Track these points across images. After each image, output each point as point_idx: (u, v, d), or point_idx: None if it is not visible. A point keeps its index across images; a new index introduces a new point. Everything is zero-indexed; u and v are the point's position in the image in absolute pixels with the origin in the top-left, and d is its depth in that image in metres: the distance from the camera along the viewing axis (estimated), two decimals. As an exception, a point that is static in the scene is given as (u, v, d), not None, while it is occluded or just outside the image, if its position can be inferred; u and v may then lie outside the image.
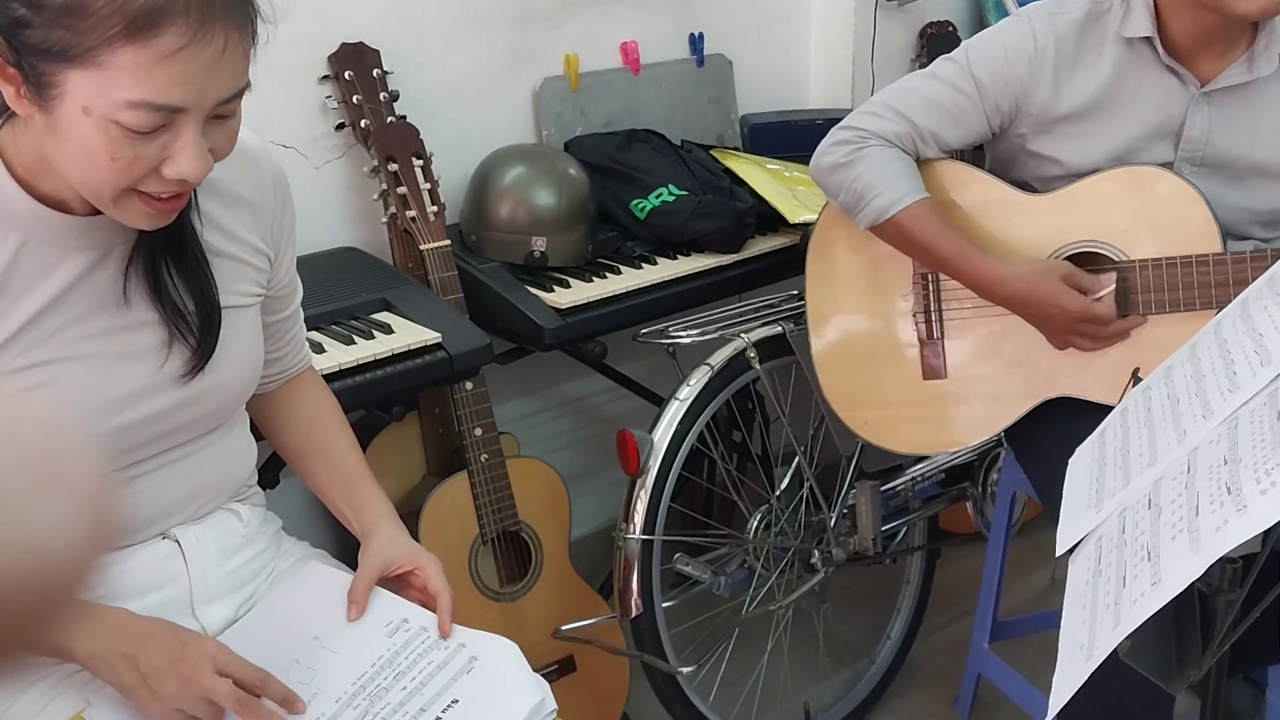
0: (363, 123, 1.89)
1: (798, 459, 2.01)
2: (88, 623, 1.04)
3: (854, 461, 1.99)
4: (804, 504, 2.05)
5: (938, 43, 2.66)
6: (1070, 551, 1.03)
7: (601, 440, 2.47)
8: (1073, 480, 1.12)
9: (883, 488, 2.05)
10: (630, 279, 1.97)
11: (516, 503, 1.91)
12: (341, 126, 1.94)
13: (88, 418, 1.05)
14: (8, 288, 1.01)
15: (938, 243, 1.63)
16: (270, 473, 1.63)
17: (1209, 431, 0.92)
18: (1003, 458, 2.09)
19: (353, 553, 1.28)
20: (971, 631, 2.07)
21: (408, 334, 1.70)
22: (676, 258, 2.06)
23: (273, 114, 1.89)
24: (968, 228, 1.67)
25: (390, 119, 1.91)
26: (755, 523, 2.03)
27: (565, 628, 1.92)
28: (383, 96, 1.91)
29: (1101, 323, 1.60)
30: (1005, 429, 1.73)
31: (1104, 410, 1.21)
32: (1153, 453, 0.99)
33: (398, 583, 1.25)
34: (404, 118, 1.93)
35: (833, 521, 2.03)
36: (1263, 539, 0.82)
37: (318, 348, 1.63)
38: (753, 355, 1.89)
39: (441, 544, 1.82)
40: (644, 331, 1.95)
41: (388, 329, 1.72)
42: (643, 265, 2.03)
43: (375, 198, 1.92)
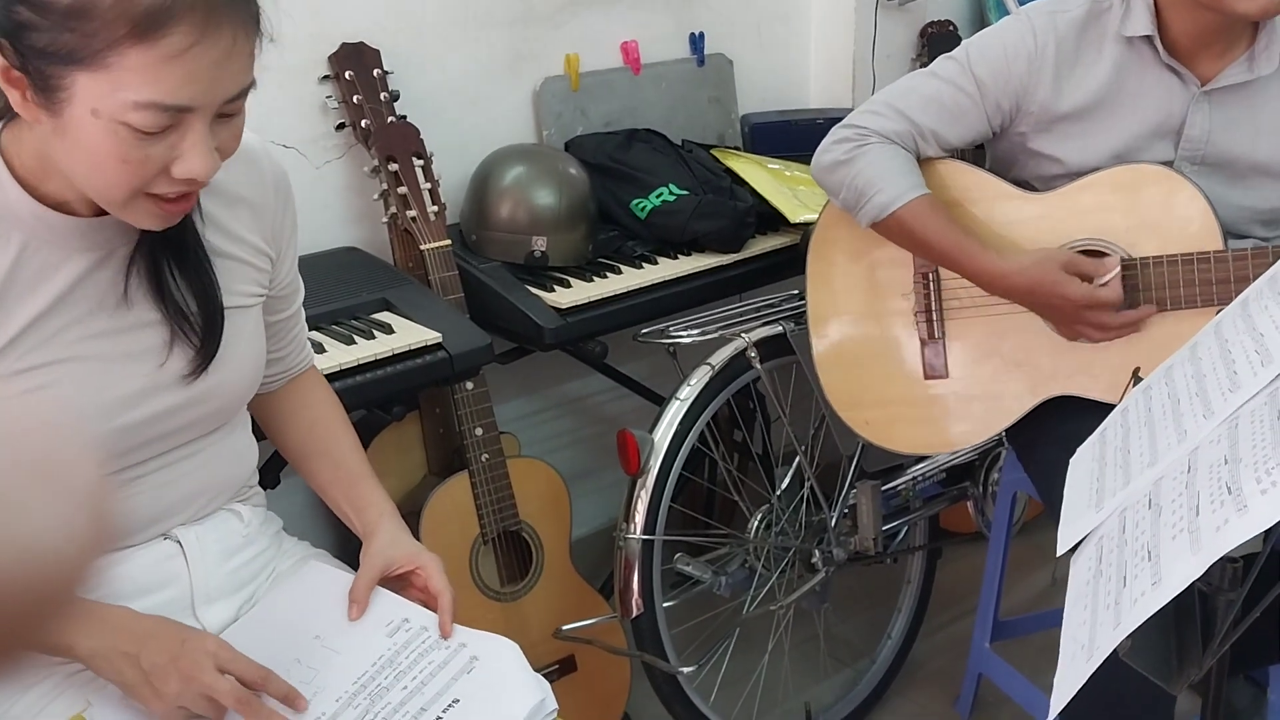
0: (363, 123, 1.89)
1: (798, 459, 2.01)
2: (89, 621, 1.04)
3: (855, 461, 1.99)
4: (805, 504, 2.05)
5: (938, 42, 2.66)
6: (1071, 551, 1.03)
7: (602, 440, 2.47)
8: (1073, 480, 1.12)
9: (883, 487, 2.05)
10: (631, 279, 1.97)
11: (517, 502, 1.91)
12: (342, 126, 1.94)
13: (90, 418, 1.05)
14: (10, 290, 1.01)
15: (939, 238, 1.63)
16: (271, 473, 1.64)
17: (1209, 431, 0.92)
18: (1003, 457, 2.09)
19: (353, 552, 1.28)
20: (972, 631, 2.07)
21: (408, 334, 1.70)
22: (677, 257, 2.06)
23: (273, 114, 1.89)
24: (969, 226, 1.67)
25: (390, 119, 1.91)
26: (756, 522, 2.03)
27: (566, 628, 1.92)
28: (383, 96, 1.91)
29: (1108, 308, 1.59)
30: (1006, 428, 1.73)
31: (1105, 410, 1.21)
32: (1153, 452, 0.99)
33: (399, 582, 1.25)
34: (404, 118, 1.93)
35: (833, 521, 2.02)
36: (1263, 538, 0.82)
37: (318, 347, 1.63)
38: (753, 355, 1.89)
39: (442, 544, 1.82)
40: (644, 331, 1.95)
41: (388, 329, 1.72)
42: (643, 265, 2.03)
43: (376, 198, 1.92)
